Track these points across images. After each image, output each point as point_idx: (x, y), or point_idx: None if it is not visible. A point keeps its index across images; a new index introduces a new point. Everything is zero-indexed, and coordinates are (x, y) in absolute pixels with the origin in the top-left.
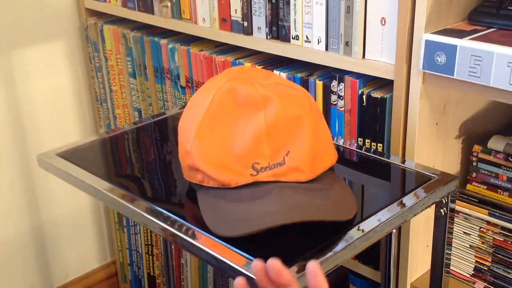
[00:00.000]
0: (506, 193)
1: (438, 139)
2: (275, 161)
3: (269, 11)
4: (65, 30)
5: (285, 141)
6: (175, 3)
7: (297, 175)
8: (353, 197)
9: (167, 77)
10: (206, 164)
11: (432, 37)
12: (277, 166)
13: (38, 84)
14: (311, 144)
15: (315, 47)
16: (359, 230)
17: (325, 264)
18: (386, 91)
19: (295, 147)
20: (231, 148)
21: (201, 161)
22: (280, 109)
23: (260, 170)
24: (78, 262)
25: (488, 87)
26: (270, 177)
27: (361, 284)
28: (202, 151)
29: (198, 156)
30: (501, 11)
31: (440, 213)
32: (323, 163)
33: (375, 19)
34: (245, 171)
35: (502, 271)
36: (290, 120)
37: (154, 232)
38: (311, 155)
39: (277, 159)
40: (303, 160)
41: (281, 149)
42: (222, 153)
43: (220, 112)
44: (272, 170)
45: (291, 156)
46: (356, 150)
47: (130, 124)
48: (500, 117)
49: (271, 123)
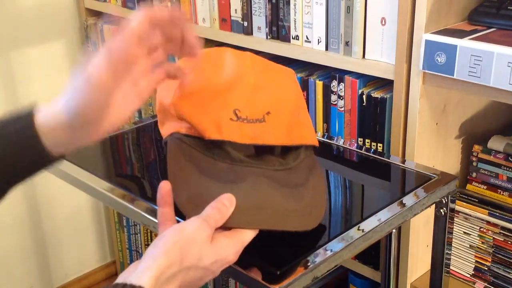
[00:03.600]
0: (506, 193)
1: (438, 139)
2: (255, 117)
3: (269, 11)
4: (65, 30)
5: (268, 101)
6: (175, 3)
7: (276, 136)
8: (324, 196)
9: None
10: (188, 109)
11: (432, 37)
12: (257, 122)
13: (38, 84)
14: (292, 112)
15: (315, 47)
16: (359, 230)
17: (325, 264)
18: (386, 91)
19: (276, 110)
20: (214, 89)
21: (182, 108)
22: (266, 70)
23: (239, 119)
24: (78, 262)
25: (488, 87)
26: (249, 134)
27: (361, 284)
28: (185, 99)
29: (179, 104)
30: (501, 11)
31: (440, 213)
32: (302, 136)
33: (375, 19)
34: (226, 112)
35: (502, 271)
36: (275, 84)
37: (154, 232)
38: (291, 122)
39: (258, 116)
40: (283, 123)
41: (263, 107)
42: (204, 95)
43: (206, 66)
44: (252, 125)
45: (272, 116)
46: (356, 150)
47: (130, 124)
48: (500, 117)
49: (259, 78)
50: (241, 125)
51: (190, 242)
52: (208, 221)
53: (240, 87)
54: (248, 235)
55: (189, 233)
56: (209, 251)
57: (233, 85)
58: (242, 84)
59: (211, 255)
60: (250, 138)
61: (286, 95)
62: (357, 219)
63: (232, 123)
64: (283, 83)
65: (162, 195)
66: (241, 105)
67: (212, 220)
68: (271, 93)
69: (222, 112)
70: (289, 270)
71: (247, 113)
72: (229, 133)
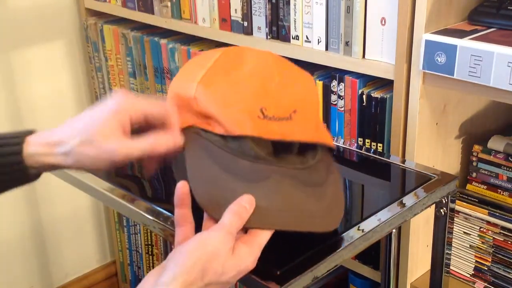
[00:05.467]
0: (506, 193)
1: (438, 139)
2: (282, 115)
3: (269, 11)
4: (65, 30)
5: (294, 99)
6: (175, 3)
7: (304, 133)
8: (342, 195)
9: (167, 77)
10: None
11: (432, 37)
12: (284, 120)
13: (38, 84)
14: (317, 112)
15: (315, 47)
16: (359, 230)
17: (325, 264)
18: (386, 91)
19: (303, 108)
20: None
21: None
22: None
23: (266, 117)
24: (78, 262)
25: (488, 87)
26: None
27: (361, 284)
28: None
29: (204, 98)
30: (501, 11)
31: (440, 213)
32: (325, 136)
33: (375, 19)
34: (253, 110)
35: (502, 271)
36: (299, 83)
37: (154, 232)
38: (317, 121)
39: (284, 114)
40: (311, 121)
41: (289, 105)
42: (229, 92)
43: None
44: (279, 122)
45: (299, 114)
46: (356, 150)
47: None
48: (500, 117)
49: (283, 77)
50: (268, 123)
51: (213, 258)
52: (231, 232)
53: (265, 85)
54: (265, 237)
55: (213, 248)
56: (231, 265)
57: (258, 83)
58: (268, 82)
59: (233, 268)
60: (279, 134)
61: (309, 95)
62: (357, 219)
63: (259, 120)
64: (306, 84)
65: (180, 196)
66: (267, 103)
67: (235, 228)
68: (296, 92)
69: (249, 109)
70: (289, 270)
71: (274, 112)
72: (258, 129)
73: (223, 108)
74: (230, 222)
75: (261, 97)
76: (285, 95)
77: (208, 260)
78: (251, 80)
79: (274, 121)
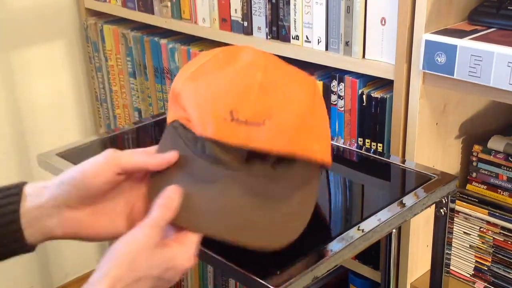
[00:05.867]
0: (506, 193)
1: (438, 139)
2: (254, 120)
3: (269, 11)
4: (65, 30)
5: (273, 104)
6: (175, 3)
7: (273, 142)
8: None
9: (167, 77)
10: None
11: (432, 37)
12: (254, 125)
13: (38, 84)
14: (301, 120)
15: (315, 47)
16: (359, 230)
17: (325, 264)
18: (386, 91)
19: (281, 114)
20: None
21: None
22: (280, 74)
23: (236, 120)
24: (78, 262)
25: (488, 87)
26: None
27: (361, 284)
28: (190, 90)
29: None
30: (501, 11)
31: (440, 213)
32: (308, 149)
33: (375, 19)
34: (221, 111)
35: (502, 271)
36: (286, 88)
37: None
38: (298, 131)
39: (256, 119)
40: (287, 130)
41: (265, 110)
42: (207, 90)
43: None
44: (247, 127)
45: (274, 121)
46: (356, 150)
47: (130, 124)
48: (500, 117)
49: (267, 80)
50: (235, 126)
51: (139, 252)
52: (158, 225)
53: (243, 86)
54: (197, 235)
55: (137, 242)
56: (159, 258)
57: (236, 84)
58: (247, 83)
59: (162, 263)
60: (241, 139)
61: (296, 101)
62: (357, 219)
63: (225, 123)
64: (296, 89)
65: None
66: (242, 106)
67: (162, 220)
68: (278, 96)
69: (218, 110)
70: (289, 270)
71: (246, 115)
72: (219, 132)
73: (195, 106)
74: (156, 216)
75: (237, 98)
76: (263, 99)
77: (134, 254)
78: (233, 79)
79: (243, 125)
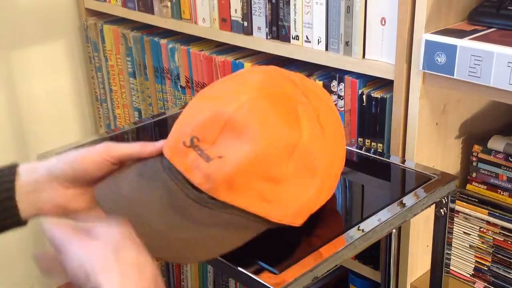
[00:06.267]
0: (506, 193)
1: (438, 139)
2: (209, 153)
3: (269, 11)
4: (65, 30)
5: (230, 145)
6: (175, 3)
7: (207, 183)
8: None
9: (167, 77)
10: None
11: (432, 37)
12: (204, 158)
13: (38, 84)
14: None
15: (315, 47)
16: (359, 230)
17: (325, 264)
18: (386, 91)
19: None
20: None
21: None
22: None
23: (194, 147)
24: None
25: (488, 87)
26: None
27: (361, 284)
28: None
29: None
30: (501, 11)
31: (440, 213)
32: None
33: (375, 19)
34: (184, 134)
35: (502, 271)
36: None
37: None
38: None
39: (212, 153)
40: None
41: (222, 149)
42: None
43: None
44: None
45: (224, 161)
46: (356, 150)
47: (130, 124)
48: (500, 117)
49: (238, 114)
50: (186, 153)
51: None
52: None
53: (212, 115)
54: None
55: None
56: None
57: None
58: (217, 113)
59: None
60: (183, 167)
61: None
62: (357, 219)
63: (178, 147)
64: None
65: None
66: (201, 134)
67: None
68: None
69: (182, 133)
70: (289, 270)
71: (205, 145)
72: (170, 153)
73: (175, 124)
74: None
75: (201, 127)
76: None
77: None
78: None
79: (194, 154)
